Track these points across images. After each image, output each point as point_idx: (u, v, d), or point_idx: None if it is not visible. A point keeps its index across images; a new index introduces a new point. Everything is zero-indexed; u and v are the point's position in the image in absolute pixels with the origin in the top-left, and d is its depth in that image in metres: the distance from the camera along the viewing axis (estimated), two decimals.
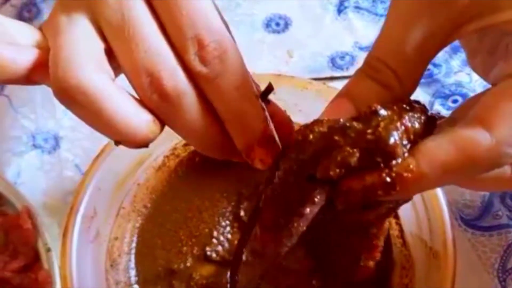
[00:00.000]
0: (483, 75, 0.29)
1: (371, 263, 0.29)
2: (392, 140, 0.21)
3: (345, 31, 0.51)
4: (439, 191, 0.35)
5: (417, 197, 0.36)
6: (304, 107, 0.40)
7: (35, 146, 0.46)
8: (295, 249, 0.26)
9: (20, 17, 0.52)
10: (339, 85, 0.47)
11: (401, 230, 0.38)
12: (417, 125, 0.22)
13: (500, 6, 0.22)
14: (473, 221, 0.39)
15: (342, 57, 0.50)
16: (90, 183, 0.36)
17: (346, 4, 0.53)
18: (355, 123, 0.21)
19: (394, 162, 0.21)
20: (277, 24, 0.53)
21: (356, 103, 0.23)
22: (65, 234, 0.35)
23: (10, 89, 0.48)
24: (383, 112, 0.21)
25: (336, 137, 0.21)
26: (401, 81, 0.23)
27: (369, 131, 0.21)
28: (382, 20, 0.52)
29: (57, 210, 0.42)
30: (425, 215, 0.35)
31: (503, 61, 0.24)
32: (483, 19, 0.22)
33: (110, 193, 0.38)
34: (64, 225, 0.35)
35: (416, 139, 0.22)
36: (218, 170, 0.42)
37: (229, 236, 0.41)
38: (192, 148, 0.43)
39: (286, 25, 0.53)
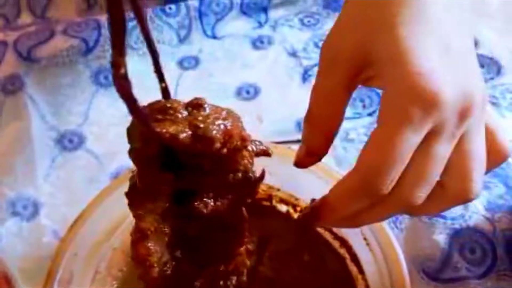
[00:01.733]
0: None
1: (241, 250, 0.31)
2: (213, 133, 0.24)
3: (309, 96, 0.55)
4: (398, 248, 0.37)
5: (378, 253, 0.38)
6: (272, 169, 0.42)
7: (14, 213, 0.48)
8: (171, 258, 0.28)
9: (4, 90, 0.55)
10: None
11: (366, 285, 0.40)
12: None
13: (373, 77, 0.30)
14: (434, 273, 0.42)
15: None
16: (67, 248, 0.38)
17: (309, 72, 0.57)
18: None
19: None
20: (247, 92, 0.56)
21: None
22: None
23: None
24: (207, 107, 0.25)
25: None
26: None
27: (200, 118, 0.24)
28: None
29: (34, 275, 0.43)
30: (386, 269, 0.37)
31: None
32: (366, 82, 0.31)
33: (86, 258, 0.39)
34: None
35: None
36: None
37: None
38: None
39: (256, 92, 0.56)
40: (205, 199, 0.27)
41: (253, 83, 0.57)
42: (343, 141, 0.51)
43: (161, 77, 0.26)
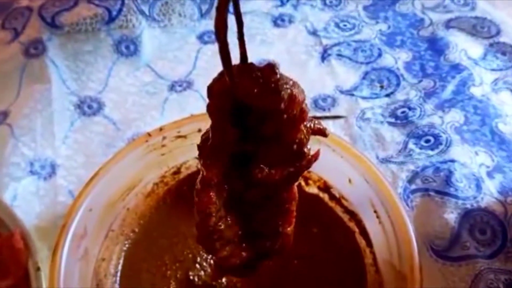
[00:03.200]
0: None
1: (289, 230, 0.32)
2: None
3: (328, 76, 0.56)
4: (408, 220, 0.37)
5: (388, 225, 0.38)
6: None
7: (32, 172, 0.49)
8: (226, 216, 0.30)
9: (27, 53, 0.56)
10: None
11: (374, 258, 0.40)
12: None
13: None
14: (443, 251, 0.42)
15: (324, 99, 0.54)
16: (82, 203, 0.39)
17: (329, 52, 0.57)
18: None
19: None
20: None
21: None
22: (56, 249, 0.36)
23: (12, 118, 0.51)
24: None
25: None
26: None
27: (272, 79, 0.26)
28: (362, 67, 0.57)
29: (48, 233, 0.44)
30: (395, 242, 0.37)
31: None
32: None
33: (100, 215, 0.40)
34: (56, 241, 0.37)
35: None
36: None
37: (212, 261, 0.42)
38: (180, 176, 0.46)
39: None
40: (261, 166, 0.29)
41: (271, 60, 0.57)
42: (359, 120, 0.52)
43: (241, 43, 0.27)
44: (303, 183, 0.45)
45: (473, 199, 0.43)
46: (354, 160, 0.41)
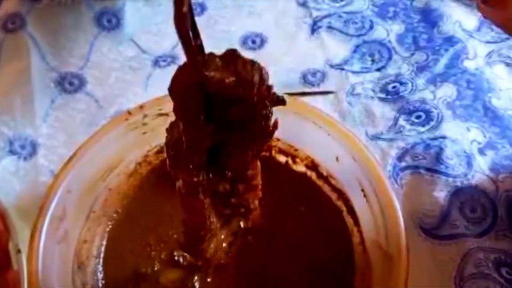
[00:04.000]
0: None
1: (256, 203, 0.33)
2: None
3: (317, 49, 0.54)
4: (395, 200, 0.36)
5: (375, 205, 0.37)
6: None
7: (12, 152, 0.47)
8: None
9: (4, 28, 0.53)
10: (310, 100, 0.50)
11: (361, 238, 0.39)
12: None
13: None
14: (432, 230, 0.41)
15: (313, 74, 0.52)
16: (61, 185, 0.37)
17: (319, 24, 0.55)
18: None
19: None
20: (253, 42, 0.55)
21: None
22: (34, 232, 0.35)
23: None
24: None
25: None
26: None
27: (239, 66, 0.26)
28: (353, 39, 0.55)
29: (29, 214, 0.43)
30: (382, 221, 0.36)
31: None
32: None
33: (80, 196, 0.39)
34: (33, 224, 0.36)
35: None
36: None
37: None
38: (164, 155, 0.44)
39: (262, 42, 0.55)
40: (234, 153, 0.29)
41: (259, 33, 0.55)
42: (349, 96, 0.50)
43: (196, 34, 0.26)
44: (290, 161, 0.44)
45: (463, 176, 0.42)
46: (341, 137, 0.39)
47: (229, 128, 0.28)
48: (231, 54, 0.26)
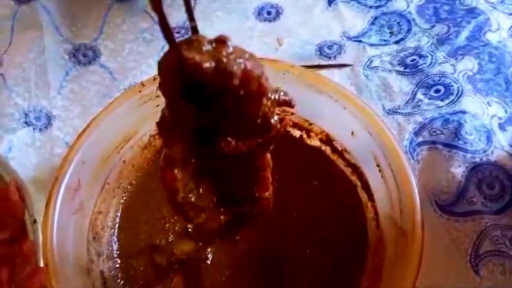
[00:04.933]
0: None
1: (267, 194, 0.32)
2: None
3: (334, 21, 0.52)
4: (411, 174, 0.36)
5: (390, 180, 0.37)
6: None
7: (27, 123, 0.48)
8: (197, 187, 0.30)
9: None
10: (326, 73, 0.49)
11: (376, 213, 0.39)
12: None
13: None
14: (448, 206, 0.40)
15: (330, 46, 0.51)
16: (75, 156, 0.38)
17: None
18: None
19: None
20: (269, 13, 0.54)
21: None
22: (49, 203, 0.36)
23: (5, 68, 0.50)
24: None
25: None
26: None
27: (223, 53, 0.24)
28: (371, 11, 0.54)
29: (45, 185, 0.43)
30: (397, 197, 0.36)
31: None
32: None
33: (94, 168, 0.39)
34: (48, 194, 0.36)
35: None
36: None
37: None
38: None
39: (278, 13, 0.54)
40: (228, 138, 0.28)
41: (275, 4, 0.54)
42: (366, 69, 0.49)
43: (191, 17, 0.25)
44: (305, 136, 0.44)
45: (482, 152, 0.41)
46: (357, 111, 0.39)
47: (223, 114, 0.27)
48: (221, 41, 0.25)
